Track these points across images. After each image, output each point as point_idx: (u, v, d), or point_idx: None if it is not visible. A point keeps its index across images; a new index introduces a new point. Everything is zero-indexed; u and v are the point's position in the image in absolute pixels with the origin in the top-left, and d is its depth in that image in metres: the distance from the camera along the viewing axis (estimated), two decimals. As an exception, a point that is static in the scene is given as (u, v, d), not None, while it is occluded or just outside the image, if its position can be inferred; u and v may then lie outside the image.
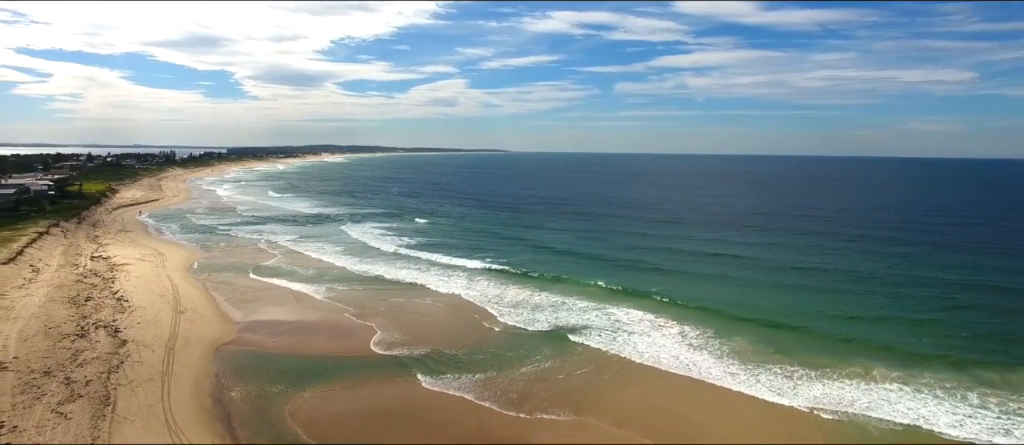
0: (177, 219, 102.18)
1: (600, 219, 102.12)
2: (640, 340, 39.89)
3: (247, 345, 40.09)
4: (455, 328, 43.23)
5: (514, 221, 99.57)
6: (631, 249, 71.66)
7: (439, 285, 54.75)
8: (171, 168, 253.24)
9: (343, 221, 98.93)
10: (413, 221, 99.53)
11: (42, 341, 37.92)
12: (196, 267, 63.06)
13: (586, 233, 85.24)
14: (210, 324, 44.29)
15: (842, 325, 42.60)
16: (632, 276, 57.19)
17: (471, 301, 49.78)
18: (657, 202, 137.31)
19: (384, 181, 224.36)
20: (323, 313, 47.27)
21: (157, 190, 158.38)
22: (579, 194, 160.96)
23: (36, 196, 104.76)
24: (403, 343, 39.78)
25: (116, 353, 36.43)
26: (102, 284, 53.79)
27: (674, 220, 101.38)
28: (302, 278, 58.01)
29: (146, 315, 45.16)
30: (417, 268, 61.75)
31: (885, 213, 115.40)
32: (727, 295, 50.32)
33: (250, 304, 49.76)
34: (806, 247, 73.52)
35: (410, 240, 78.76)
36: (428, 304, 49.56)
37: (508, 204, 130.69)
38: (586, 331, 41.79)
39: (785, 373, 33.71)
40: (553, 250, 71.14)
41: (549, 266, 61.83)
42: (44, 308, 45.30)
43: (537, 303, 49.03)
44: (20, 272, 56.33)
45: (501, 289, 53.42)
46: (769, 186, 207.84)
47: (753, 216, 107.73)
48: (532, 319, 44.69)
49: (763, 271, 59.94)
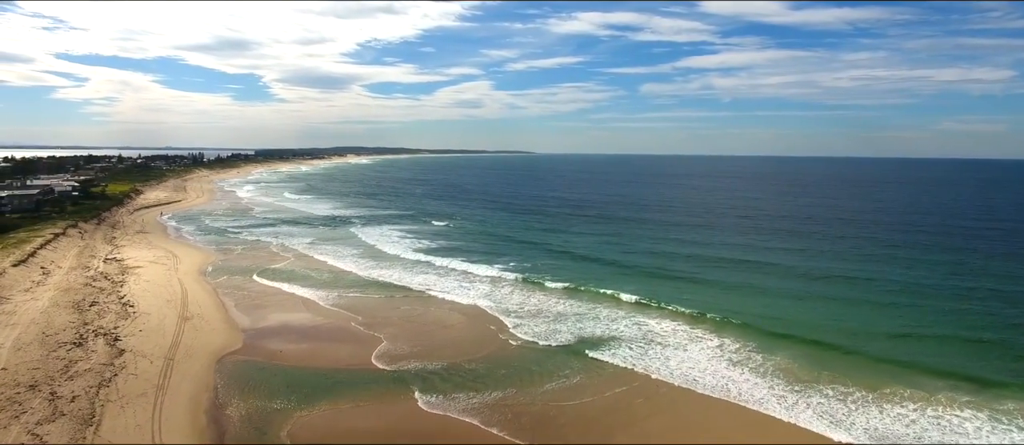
0: (197, 220, 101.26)
1: (626, 223, 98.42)
2: (672, 355, 36.57)
3: (252, 355, 37.77)
4: (468, 340, 40.32)
5: (537, 225, 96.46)
6: (659, 255, 68.05)
7: (455, 293, 51.96)
8: (198, 169, 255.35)
9: (361, 223, 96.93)
10: (433, 224, 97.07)
11: (37, 350, 36.00)
12: (210, 270, 61.28)
13: (611, 238, 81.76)
14: (216, 332, 42.11)
15: (895, 343, 38.61)
16: (661, 285, 53.81)
17: (488, 311, 46.83)
18: (685, 205, 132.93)
19: (407, 183, 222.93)
20: (332, 321, 44.82)
21: (181, 191, 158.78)
22: (604, 196, 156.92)
23: (59, 197, 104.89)
24: (409, 356, 37.02)
25: (111, 364, 34.30)
26: (110, 288, 52.15)
27: (703, 224, 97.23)
28: (315, 283, 55.77)
29: (150, 322, 43.18)
30: (433, 274, 59.09)
31: (927, 216, 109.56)
32: (764, 307, 46.63)
33: (259, 310, 47.58)
34: (847, 254, 69.05)
35: (428, 244, 76.24)
36: (442, 313, 46.76)
37: (531, 206, 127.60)
38: (611, 345, 38.59)
39: (838, 396, 30.11)
40: (577, 256, 67.84)
41: (572, 273, 58.65)
42: (46, 313, 43.59)
43: (559, 313, 45.93)
44: (30, 274, 55.02)
45: (521, 297, 50.44)
46: (801, 188, 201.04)
47: (787, 220, 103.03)
48: (553, 331, 41.58)
49: (802, 280, 55.92)
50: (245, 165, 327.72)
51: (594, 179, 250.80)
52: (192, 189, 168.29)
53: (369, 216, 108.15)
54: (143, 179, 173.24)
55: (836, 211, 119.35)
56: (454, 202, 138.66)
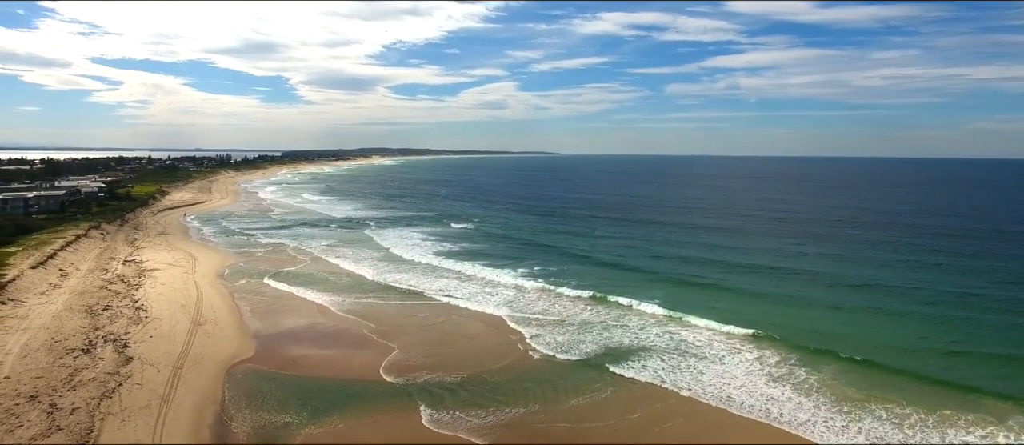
0: (219, 222, 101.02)
1: (652, 226, 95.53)
2: (706, 369, 34.12)
3: (263, 364, 36.27)
4: (485, 351, 38.25)
5: (560, 227, 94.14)
6: (687, 261, 65.29)
7: (474, 300, 49.97)
8: (224, 171, 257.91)
9: (381, 226, 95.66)
10: (454, 226, 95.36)
11: (43, 357, 34.91)
12: (227, 273, 60.28)
13: (637, 241, 79.11)
14: (228, 338, 40.75)
15: (952, 361, 35.45)
16: (690, 292, 51.24)
17: (507, 319, 44.71)
18: (712, 206, 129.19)
19: (430, 184, 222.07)
20: (346, 328, 43.22)
21: (206, 192, 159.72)
22: (629, 198, 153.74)
23: (85, 198, 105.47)
24: (421, 368, 35.11)
25: (116, 373, 33.02)
26: (125, 291, 51.28)
27: (732, 227, 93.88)
28: (332, 288, 54.32)
29: (161, 327, 42.00)
30: (452, 279, 57.17)
31: (969, 219, 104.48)
32: (803, 317, 43.85)
33: (273, 316, 46.21)
34: (888, 261, 65.41)
35: (449, 247, 74.49)
36: (459, 321, 44.79)
37: (554, 208, 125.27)
38: (639, 357, 36.26)
39: (893, 419, 27.45)
40: (601, 260, 65.39)
41: (597, 279, 56.34)
42: (58, 318, 42.69)
43: (583, 321, 43.68)
44: (48, 276, 54.47)
45: (543, 305, 48.28)
46: (831, 189, 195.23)
47: (819, 223, 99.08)
48: (576, 342, 39.36)
49: (842, 289, 52.64)
50: (271, 166, 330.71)
51: (619, 180, 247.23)
52: (217, 190, 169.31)
53: (390, 218, 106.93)
54: (169, 180, 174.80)
55: (870, 213, 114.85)
56: (476, 203, 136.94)
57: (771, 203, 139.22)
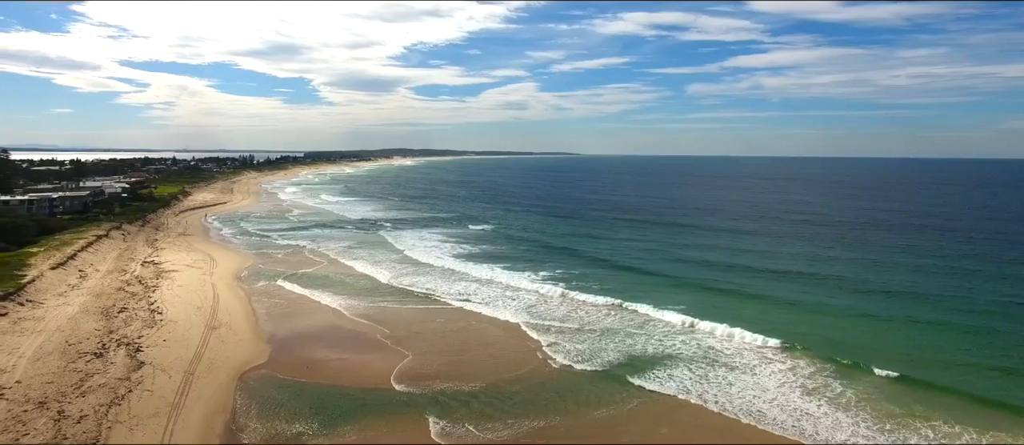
0: (239, 223, 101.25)
1: (675, 228, 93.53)
2: (736, 380, 32.49)
3: (276, 370, 35.41)
4: (501, 359, 36.93)
5: (581, 230, 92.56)
6: (713, 266, 63.29)
7: (492, 305, 48.71)
8: (246, 171, 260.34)
9: (400, 227, 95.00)
10: (473, 228, 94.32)
11: (56, 361, 34.42)
12: (245, 275, 59.87)
13: (660, 244, 77.26)
14: (242, 343, 40.04)
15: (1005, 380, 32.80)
16: (717, 299, 49.43)
17: (526, 325, 43.32)
18: (737, 208, 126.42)
19: (450, 184, 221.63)
20: (361, 333, 42.29)
21: (228, 193, 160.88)
22: (651, 199, 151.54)
23: (109, 198, 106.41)
24: (433, 376, 33.92)
25: (127, 379, 32.36)
26: (142, 293, 50.98)
27: (758, 230, 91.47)
28: (349, 291, 53.56)
29: (176, 331, 41.44)
30: (470, 283, 55.94)
31: (1006, 223, 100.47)
32: (837, 327, 41.86)
33: (289, 320, 45.50)
34: (925, 267, 62.63)
35: (467, 250, 73.41)
36: (476, 327, 43.55)
37: (575, 210, 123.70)
38: (664, 366, 34.73)
39: (942, 440, 25.52)
40: (624, 265, 63.65)
41: (619, 283, 54.80)
42: (73, 320, 42.36)
43: (605, 329, 42.20)
44: (67, 277, 54.43)
45: (563, 311, 46.87)
46: (859, 190, 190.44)
47: (849, 226, 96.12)
48: (597, 350, 37.91)
49: (878, 297, 50.28)
50: (293, 167, 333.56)
51: (640, 181, 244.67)
52: (239, 191, 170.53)
53: (409, 219, 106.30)
54: (192, 181, 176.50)
55: (901, 216, 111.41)
56: (496, 205, 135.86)
57: (797, 205, 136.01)
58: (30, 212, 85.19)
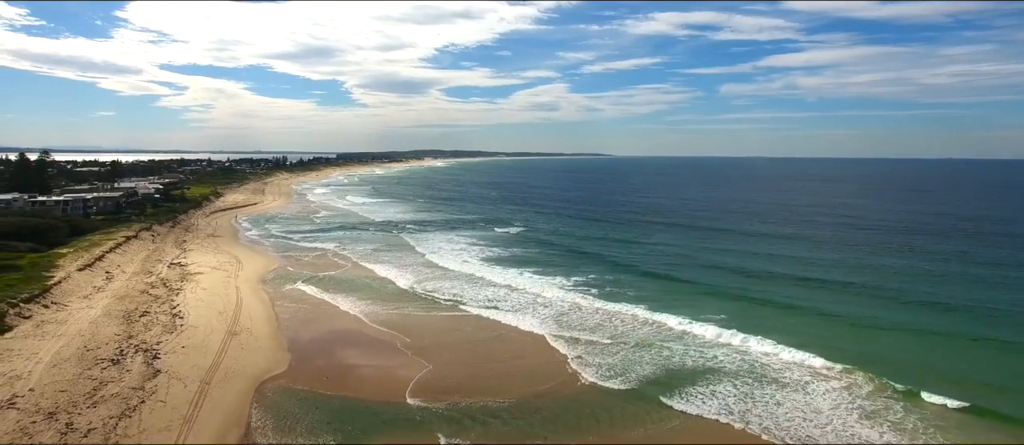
0: (269, 224, 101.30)
1: (710, 232, 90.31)
2: (785, 400, 29.98)
3: (295, 381, 34.02)
4: (526, 372, 34.95)
5: (612, 233, 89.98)
6: (751, 275, 60.14)
7: (518, 313, 46.71)
8: (279, 172, 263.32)
9: (427, 230, 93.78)
10: (501, 232, 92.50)
11: (72, 367, 33.57)
12: (270, 278, 59.04)
13: (696, 251, 74.27)
14: (262, 351, 38.81)
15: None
16: (757, 311, 46.62)
17: (554, 336, 41.13)
18: (773, 211, 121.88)
19: (480, 186, 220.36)
20: (383, 342, 40.76)
21: (259, 194, 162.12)
22: (684, 201, 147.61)
23: (141, 199, 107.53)
24: (452, 390, 32.13)
25: (142, 388, 31.28)
26: (165, 296, 50.36)
27: (799, 235, 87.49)
28: (372, 296, 52.20)
29: (196, 336, 40.46)
30: (497, 290, 53.99)
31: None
32: (893, 345, 38.84)
33: (310, 326, 44.28)
34: (983, 277, 58.32)
35: (495, 255, 71.56)
36: (501, 338, 41.60)
37: (606, 213, 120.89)
38: (703, 384, 32.31)
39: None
40: (658, 271, 60.97)
41: (653, 292, 52.43)
42: (95, 324, 41.72)
43: (640, 341, 39.84)
44: (93, 279, 54.21)
45: (594, 321, 44.61)
46: (902, 192, 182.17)
47: (896, 232, 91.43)
48: (631, 363, 35.64)
49: (938, 312, 46.25)
50: (325, 168, 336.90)
51: (673, 183, 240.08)
52: (270, 192, 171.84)
53: (436, 221, 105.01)
54: (225, 182, 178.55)
55: (951, 220, 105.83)
56: (526, 207, 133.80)
57: (836, 208, 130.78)
58: (65, 212, 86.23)
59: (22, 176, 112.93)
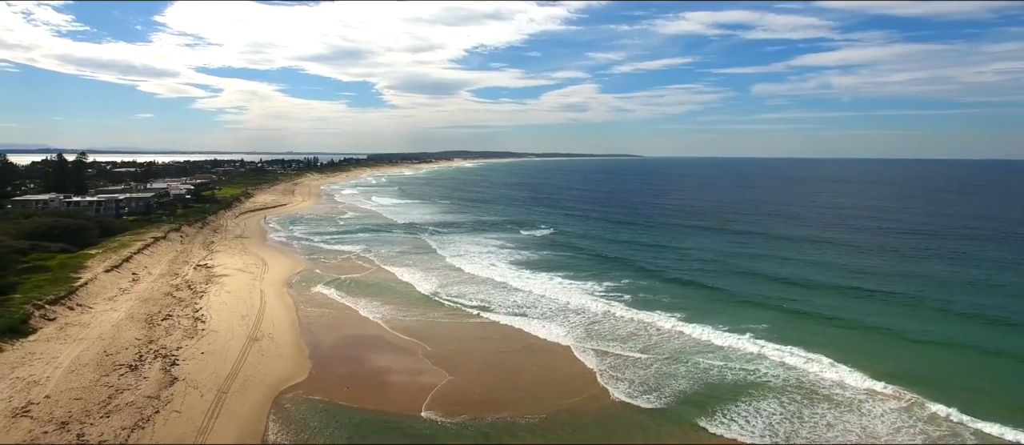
0: (297, 225, 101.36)
1: (746, 236, 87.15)
2: (837, 421, 27.66)
3: (314, 390, 32.89)
4: (551, 385, 33.18)
5: (644, 238, 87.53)
6: (793, 284, 57.10)
7: (545, 321, 44.95)
8: (309, 173, 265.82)
9: (453, 233, 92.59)
10: (529, 234, 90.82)
11: (89, 374, 32.92)
12: (295, 281, 58.35)
13: (731, 257, 71.50)
14: (282, 358, 37.82)
15: None
16: (800, 323, 43.96)
17: (582, 347, 39.31)
18: (811, 214, 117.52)
19: (509, 187, 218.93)
20: (404, 350, 39.47)
21: (289, 195, 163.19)
22: (717, 204, 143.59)
23: (173, 200, 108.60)
24: (471, 404, 30.62)
25: (157, 397, 30.41)
26: (189, 299, 49.89)
27: (840, 240, 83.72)
28: (396, 301, 51.06)
29: (216, 342, 39.68)
30: (524, 296, 52.18)
31: None
32: (955, 365, 36.00)
33: (335, 332, 43.31)
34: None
35: (522, 259, 69.86)
36: (526, 347, 39.92)
37: (638, 216, 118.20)
38: (746, 402, 30.19)
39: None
40: (693, 280, 58.15)
41: (688, 300, 50.29)
42: (116, 327, 41.25)
43: (675, 352, 37.77)
44: (119, 281, 54.14)
45: (625, 330, 42.59)
46: (946, 195, 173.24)
47: (948, 238, 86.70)
48: (665, 377, 33.63)
49: (998, 330, 42.74)
50: (355, 169, 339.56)
51: (705, 184, 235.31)
52: (300, 193, 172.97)
53: (464, 223, 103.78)
54: (256, 183, 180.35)
55: (1004, 225, 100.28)
56: (555, 209, 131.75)
57: (878, 211, 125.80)
58: (98, 213, 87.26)
59: (60, 176, 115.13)
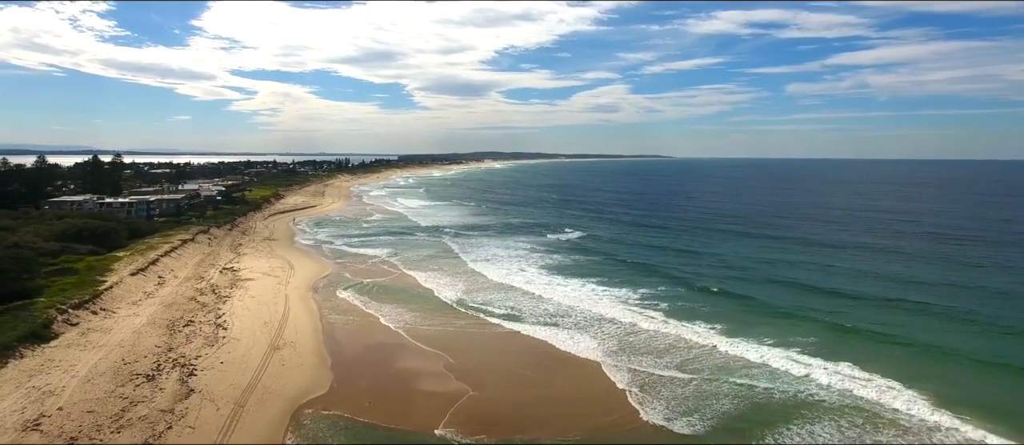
0: (326, 227, 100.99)
1: (784, 242, 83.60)
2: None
3: (334, 405, 31.48)
4: (577, 405, 31.20)
5: (677, 243, 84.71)
6: (838, 295, 54.06)
7: (575, 332, 42.90)
8: (340, 174, 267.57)
9: (482, 237, 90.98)
10: (558, 239, 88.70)
11: (105, 384, 31.98)
12: (320, 286, 57.30)
13: (770, 264, 68.43)
14: (303, 368, 36.51)
15: None
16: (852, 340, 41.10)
17: (612, 363, 37.08)
18: (852, 218, 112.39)
19: (539, 188, 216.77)
20: (427, 362, 37.84)
21: (319, 196, 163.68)
22: (753, 206, 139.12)
23: (203, 201, 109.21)
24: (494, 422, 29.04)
25: (172, 410, 29.25)
26: (212, 304, 49.09)
27: (882, 247, 79.58)
28: (420, 307, 49.60)
29: (237, 350, 38.57)
30: (552, 306, 50.01)
31: None
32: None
33: (358, 341, 42.03)
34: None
35: (553, 264, 67.78)
36: (554, 361, 37.98)
37: (671, 219, 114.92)
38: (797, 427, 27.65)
39: None
40: (730, 291, 55.36)
41: (726, 311, 47.75)
42: (137, 333, 40.49)
43: (714, 369, 35.34)
44: (145, 284, 53.70)
45: (660, 344, 40.25)
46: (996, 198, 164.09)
47: (1002, 245, 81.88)
48: (705, 397, 31.28)
49: None
50: (385, 170, 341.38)
51: (739, 186, 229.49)
52: (330, 194, 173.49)
53: (492, 226, 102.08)
54: (287, 184, 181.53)
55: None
56: (585, 212, 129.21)
57: (922, 215, 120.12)
58: (129, 214, 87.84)
59: (96, 178, 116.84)
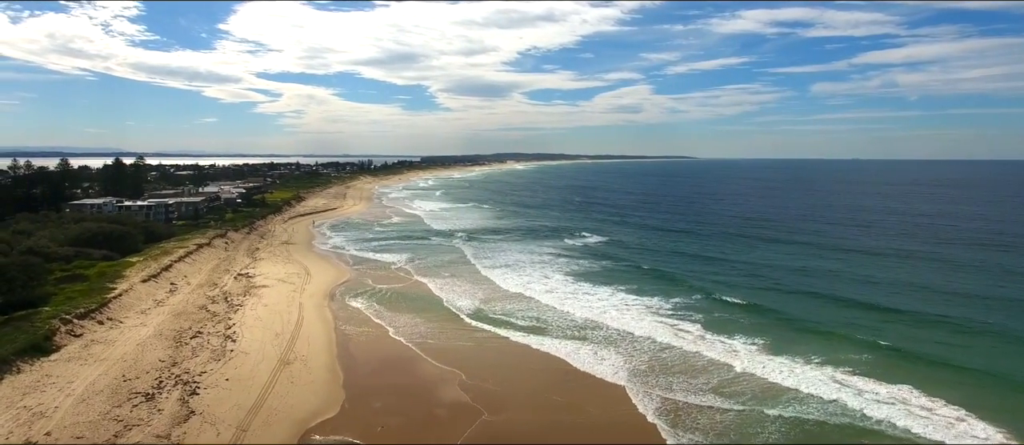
0: (346, 231, 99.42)
1: (818, 250, 79.45)
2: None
3: (345, 430, 29.42)
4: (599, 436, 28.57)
5: (706, 250, 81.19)
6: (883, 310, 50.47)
7: (599, 348, 40.15)
8: (362, 176, 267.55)
9: (503, 242, 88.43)
10: (581, 245, 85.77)
11: (101, 404, 30.07)
12: (336, 295, 55.29)
13: (805, 272, 64.82)
14: (313, 386, 34.35)
15: None
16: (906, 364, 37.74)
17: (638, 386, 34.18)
18: (888, 222, 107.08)
19: (561, 191, 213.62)
20: (441, 381, 35.42)
21: (341, 198, 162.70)
22: (782, 209, 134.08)
23: (223, 204, 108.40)
24: None
25: (168, 436, 27.18)
26: (223, 314, 47.28)
27: (928, 256, 74.95)
28: (438, 319, 47.42)
29: (244, 365, 36.54)
30: (574, 320, 47.05)
31: None
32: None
33: (372, 356, 39.86)
34: None
35: (576, 272, 64.84)
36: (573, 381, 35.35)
37: (697, 223, 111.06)
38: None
39: None
40: (765, 305, 51.84)
41: (763, 327, 44.56)
42: (142, 346, 38.69)
43: (756, 393, 32.31)
44: (156, 291, 52.15)
45: (692, 364, 37.25)
46: None
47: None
48: (747, 427, 28.29)
49: None
50: (408, 172, 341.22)
51: (766, 188, 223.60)
52: (351, 196, 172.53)
53: (514, 231, 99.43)
54: (309, 186, 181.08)
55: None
56: (608, 216, 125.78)
57: (966, 219, 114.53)
58: (148, 217, 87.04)
59: (117, 180, 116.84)
